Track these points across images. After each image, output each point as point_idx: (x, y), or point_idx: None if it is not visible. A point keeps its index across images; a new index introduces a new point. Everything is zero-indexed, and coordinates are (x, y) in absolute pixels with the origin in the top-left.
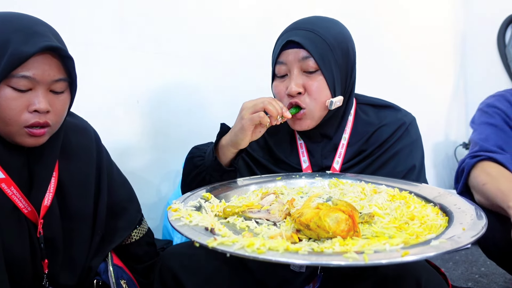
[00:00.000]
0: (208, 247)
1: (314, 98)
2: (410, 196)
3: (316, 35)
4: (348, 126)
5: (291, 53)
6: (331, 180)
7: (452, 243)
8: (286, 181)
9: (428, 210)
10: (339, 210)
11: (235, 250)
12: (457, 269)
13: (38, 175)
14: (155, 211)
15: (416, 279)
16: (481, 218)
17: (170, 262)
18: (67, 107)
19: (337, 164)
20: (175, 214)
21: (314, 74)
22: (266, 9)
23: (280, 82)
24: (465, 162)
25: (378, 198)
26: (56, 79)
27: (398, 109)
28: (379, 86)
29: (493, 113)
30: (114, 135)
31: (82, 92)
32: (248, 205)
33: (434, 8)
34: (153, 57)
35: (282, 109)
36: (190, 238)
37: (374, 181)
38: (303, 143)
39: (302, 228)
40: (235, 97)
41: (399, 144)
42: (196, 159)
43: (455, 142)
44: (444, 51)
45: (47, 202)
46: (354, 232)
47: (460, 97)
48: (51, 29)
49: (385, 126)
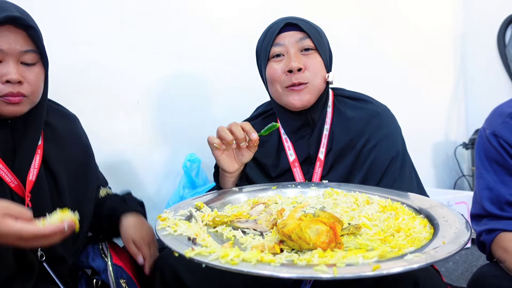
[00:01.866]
0: (185, 257)
1: (315, 73)
2: (401, 207)
3: (308, 23)
4: (328, 117)
5: (288, 35)
6: (326, 190)
7: (427, 257)
8: (280, 190)
9: (416, 223)
10: (321, 222)
11: (209, 261)
12: (457, 269)
13: (21, 148)
14: (155, 211)
15: (414, 278)
16: (464, 232)
17: (170, 260)
18: (41, 79)
19: (322, 154)
20: (163, 223)
21: (311, 53)
22: (266, 9)
23: (276, 62)
24: (482, 237)
25: (369, 209)
26: (24, 50)
27: (372, 101)
28: (379, 86)
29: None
30: (114, 135)
31: (82, 92)
32: (236, 215)
33: (434, 9)
34: (153, 57)
35: (247, 134)
36: (170, 247)
37: (368, 191)
38: (287, 138)
39: (285, 239)
40: (235, 98)
41: (376, 135)
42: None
43: (455, 142)
44: (444, 51)
45: (32, 177)
46: (336, 244)
47: (460, 97)
48: (14, 5)
49: (359, 117)
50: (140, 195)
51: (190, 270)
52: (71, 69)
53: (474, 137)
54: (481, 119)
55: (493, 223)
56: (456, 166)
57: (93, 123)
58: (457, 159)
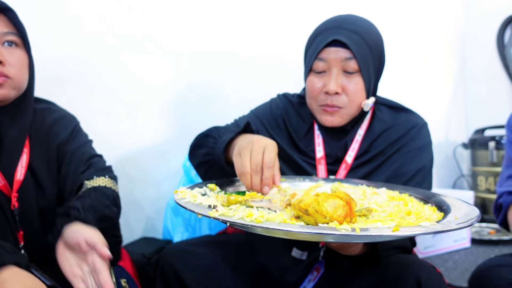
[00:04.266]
0: (210, 217)
1: (352, 100)
2: (410, 198)
3: (359, 37)
4: (365, 123)
5: (333, 51)
6: (334, 184)
7: (442, 225)
8: (290, 183)
9: (425, 208)
10: (337, 197)
11: (235, 220)
12: (457, 268)
13: (8, 148)
14: (155, 211)
15: (416, 277)
16: (474, 212)
17: (171, 259)
18: (24, 63)
19: (350, 157)
20: (182, 195)
21: (354, 75)
22: (267, 9)
23: (317, 77)
24: (502, 198)
25: (378, 198)
26: (4, 32)
27: (413, 112)
28: (378, 86)
29: None
30: (114, 135)
31: (83, 92)
32: (251, 195)
33: (434, 8)
34: (153, 57)
35: (263, 185)
36: (193, 210)
37: (375, 185)
38: (320, 134)
39: (301, 214)
40: (236, 98)
41: (410, 144)
42: (210, 139)
43: (454, 142)
44: (444, 51)
45: (19, 176)
46: (351, 220)
47: (459, 97)
48: None
49: (398, 126)
50: (139, 195)
51: (190, 269)
52: (71, 69)
53: (473, 137)
54: (481, 119)
55: None
56: (455, 166)
57: (93, 123)
58: (457, 159)
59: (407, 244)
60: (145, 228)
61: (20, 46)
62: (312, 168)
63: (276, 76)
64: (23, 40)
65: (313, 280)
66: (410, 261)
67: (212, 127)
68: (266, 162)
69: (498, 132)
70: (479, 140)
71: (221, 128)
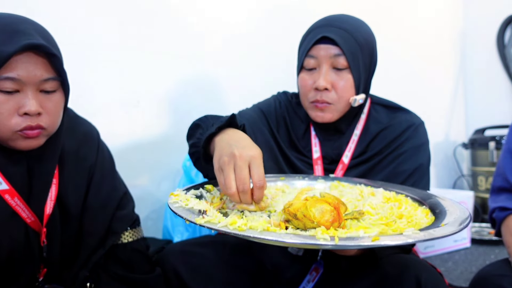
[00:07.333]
0: (196, 224)
1: (341, 95)
2: (405, 199)
3: (349, 34)
4: (361, 123)
5: (323, 48)
6: (333, 183)
7: (425, 234)
8: (288, 182)
9: (418, 211)
10: (325, 202)
11: (219, 227)
12: (457, 268)
13: (38, 183)
14: (155, 211)
15: (416, 277)
16: (463, 218)
17: (171, 259)
18: (61, 108)
19: (346, 157)
20: (175, 198)
21: (343, 72)
22: (267, 9)
23: (307, 75)
24: (495, 213)
25: (373, 199)
26: (44, 79)
27: (409, 112)
28: (378, 86)
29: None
30: (114, 135)
31: (83, 92)
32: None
33: (434, 9)
34: (153, 57)
35: (246, 201)
36: (182, 216)
37: (373, 185)
38: (316, 135)
39: (291, 218)
40: (236, 97)
41: (407, 144)
42: (199, 130)
43: (454, 142)
44: (444, 51)
45: (49, 210)
46: (339, 224)
47: (459, 97)
48: (36, 27)
49: (394, 126)
50: (139, 195)
51: (191, 269)
52: (71, 69)
53: (473, 137)
54: (481, 119)
55: (508, 202)
56: (455, 166)
57: (93, 123)
58: (457, 159)
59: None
60: (145, 228)
61: (59, 89)
62: (309, 169)
63: (276, 76)
64: (62, 82)
65: (312, 280)
66: (410, 261)
67: (205, 116)
68: (256, 182)
69: (498, 132)
70: (479, 140)
71: (211, 118)
